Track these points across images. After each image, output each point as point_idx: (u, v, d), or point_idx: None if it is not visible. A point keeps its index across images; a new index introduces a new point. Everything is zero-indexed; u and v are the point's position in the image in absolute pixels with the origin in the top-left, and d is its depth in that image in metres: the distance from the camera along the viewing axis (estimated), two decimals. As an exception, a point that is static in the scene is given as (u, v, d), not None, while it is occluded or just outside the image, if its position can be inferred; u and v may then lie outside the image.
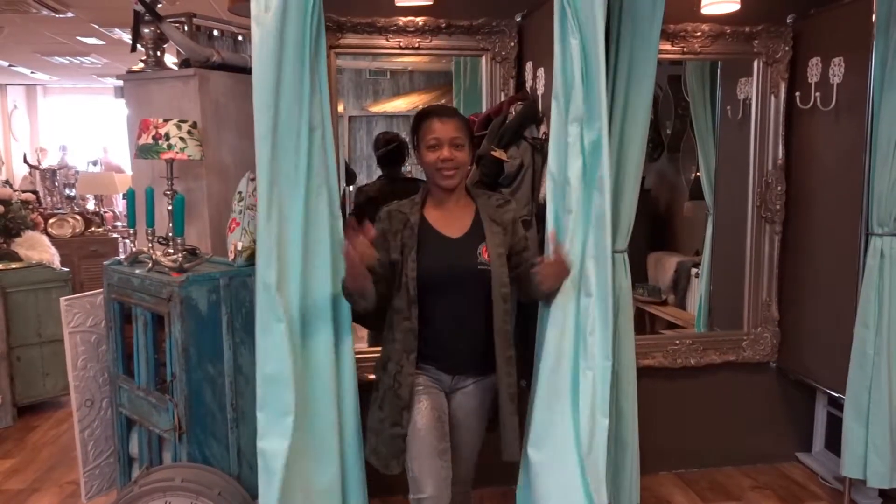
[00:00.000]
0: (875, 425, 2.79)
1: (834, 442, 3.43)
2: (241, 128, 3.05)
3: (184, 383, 2.43)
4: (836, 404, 3.37)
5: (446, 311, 2.11)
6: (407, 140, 3.90)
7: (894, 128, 2.71)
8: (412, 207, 2.13)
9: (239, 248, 2.56)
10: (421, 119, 2.13)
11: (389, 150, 3.63)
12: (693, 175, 4.23)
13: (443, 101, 4.37)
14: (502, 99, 3.06)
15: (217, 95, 3.08)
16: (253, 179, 2.57)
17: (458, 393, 2.19)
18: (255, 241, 2.44)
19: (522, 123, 2.74)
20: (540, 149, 2.70)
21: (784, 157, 3.27)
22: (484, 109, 3.11)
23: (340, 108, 3.49)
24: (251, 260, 2.49)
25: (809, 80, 3.11)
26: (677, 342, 3.34)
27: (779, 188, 3.29)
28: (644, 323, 4.02)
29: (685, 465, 3.41)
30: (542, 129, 2.79)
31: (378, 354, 2.23)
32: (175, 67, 3.48)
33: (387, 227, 2.11)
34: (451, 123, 2.08)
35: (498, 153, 2.67)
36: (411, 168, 3.72)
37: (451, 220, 2.14)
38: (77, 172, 7.56)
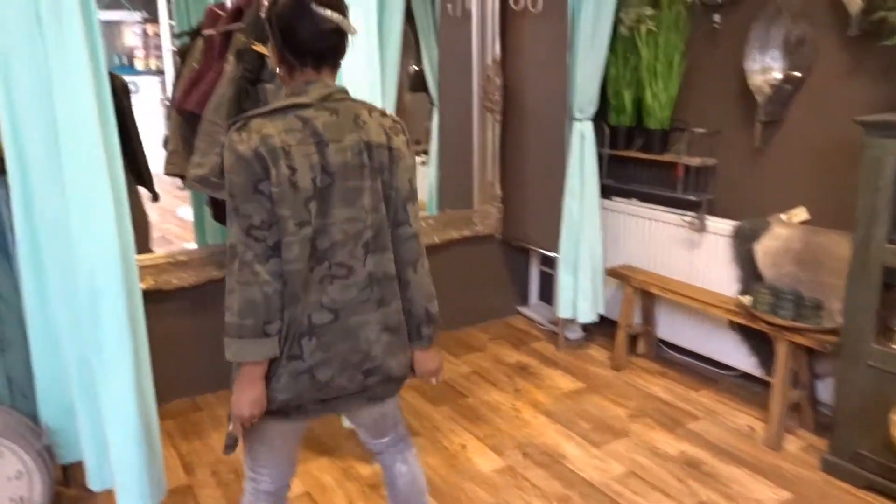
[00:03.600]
0: (581, 274, 3.50)
1: (545, 294, 4.20)
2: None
3: (-69, 315, 2.13)
4: (547, 263, 4.10)
5: None
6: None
7: (589, 31, 3.27)
8: None
9: (-24, 157, 2.23)
10: None
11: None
12: (412, 68, 4.54)
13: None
14: (248, -10, 2.98)
15: None
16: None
17: None
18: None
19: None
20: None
21: (501, 53, 3.73)
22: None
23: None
24: (-5, 170, 2.22)
25: (521, -15, 3.55)
26: (422, 223, 3.72)
27: (497, 81, 3.75)
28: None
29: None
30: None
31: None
32: None
33: None
34: None
35: (259, 47, 2.65)
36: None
37: None
38: None
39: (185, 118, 2.92)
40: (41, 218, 2.08)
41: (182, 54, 3.19)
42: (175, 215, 4.38)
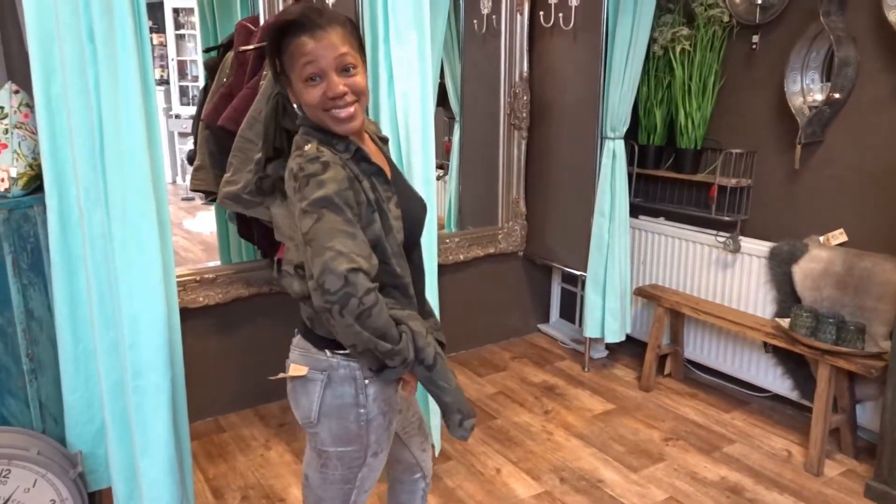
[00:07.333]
0: (609, 294, 3.46)
1: (566, 312, 4.15)
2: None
3: (-35, 338, 2.05)
4: (568, 280, 4.06)
5: None
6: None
7: (625, 50, 3.24)
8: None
9: (13, 174, 2.16)
10: (280, 35, 1.38)
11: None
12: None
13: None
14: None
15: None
16: (17, 92, 2.17)
17: None
18: (31, 166, 2.13)
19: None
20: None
21: (528, 70, 3.69)
22: (262, 14, 2.96)
23: None
24: (29, 187, 2.15)
25: (550, 2, 3.51)
26: (447, 241, 3.68)
27: (525, 98, 3.72)
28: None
29: (457, 348, 3.84)
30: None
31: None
32: None
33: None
34: (330, 37, 1.35)
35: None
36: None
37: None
38: None
39: (213, 133, 2.86)
40: (82, 237, 2.03)
41: (210, 69, 3.13)
42: (181, 227, 4.31)
